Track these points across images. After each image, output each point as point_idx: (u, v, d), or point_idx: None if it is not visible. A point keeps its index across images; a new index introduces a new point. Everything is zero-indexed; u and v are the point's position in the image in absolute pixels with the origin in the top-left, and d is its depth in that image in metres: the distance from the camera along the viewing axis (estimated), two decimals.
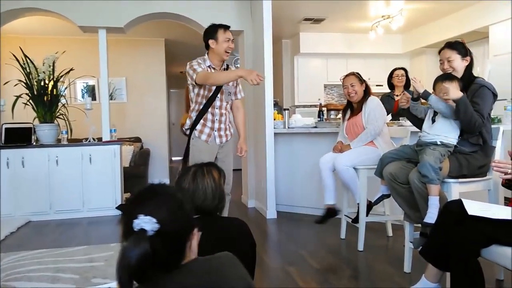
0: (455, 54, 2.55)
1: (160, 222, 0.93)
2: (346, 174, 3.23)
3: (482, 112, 2.39)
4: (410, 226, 2.66)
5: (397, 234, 3.52)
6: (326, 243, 3.49)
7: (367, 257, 3.07)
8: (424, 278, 2.06)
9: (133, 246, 0.90)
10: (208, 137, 3.09)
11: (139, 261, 0.89)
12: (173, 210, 0.98)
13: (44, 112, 4.69)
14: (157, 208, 0.95)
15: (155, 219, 0.92)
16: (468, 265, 1.79)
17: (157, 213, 0.93)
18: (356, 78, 3.39)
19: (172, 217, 0.97)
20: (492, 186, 2.52)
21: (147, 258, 0.90)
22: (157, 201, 0.98)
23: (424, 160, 2.35)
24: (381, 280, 2.61)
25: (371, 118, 3.28)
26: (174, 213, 0.98)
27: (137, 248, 0.89)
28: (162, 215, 0.94)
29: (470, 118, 2.36)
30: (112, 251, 3.32)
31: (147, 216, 0.92)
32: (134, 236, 0.91)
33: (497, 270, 2.50)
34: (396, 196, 2.63)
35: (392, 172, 2.59)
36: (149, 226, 0.92)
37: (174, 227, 0.97)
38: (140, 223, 0.92)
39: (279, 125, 4.64)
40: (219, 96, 3.08)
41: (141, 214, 0.92)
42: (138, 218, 0.92)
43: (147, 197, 1.00)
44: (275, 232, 4.00)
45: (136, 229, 0.92)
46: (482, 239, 1.79)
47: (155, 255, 0.91)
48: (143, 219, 0.92)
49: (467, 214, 1.80)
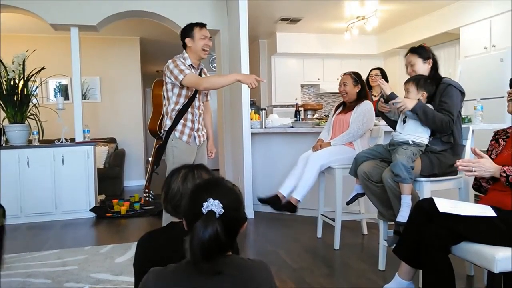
0: (417, 58, 2.65)
1: (224, 207, 1.06)
2: (309, 171, 3.23)
3: (451, 110, 2.46)
4: (384, 224, 2.70)
5: (372, 232, 3.58)
6: (303, 242, 3.51)
7: (343, 255, 3.11)
8: (398, 276, 2.10)
9: (205, 225, 1.02)
10: (188, 138, 3.07)
11: (210, 239, 1.01)
12: (234, 200, 1.11)
13: (14, 113, 4.55)
14: (221, 195, 1.08)
15: (221, 204, 1.06)
16: (438, 261, 1.83)
17: (222, 200, 1.07)
18: (350, 79, 3.43)
19: (233, 205, 1.09)
20: (462, 185, 2.59)
21: (217, 237, 1.02)
22: (221, 190, 1.11)
23: (396, 159, 2.39)
24: (356, 278, 2.64)
25: (358, 120, 3.32)
26: (234, 202, 1.11)
27: (209, 227, 1.02)
28: (226, 202, 1.07)
29: (433, 120, 2.44)
30: (86, 254, 3.25)
31: (215, 200, 1.06)
32: (205, 217, 1.04)
33: (467, 266, 2.58)
34: (370, 194, 2.67)
35: (366, 171, 2.62)
36: (217, 209, 1.05)
37: (234, 214, 1.09)
38: (209, 206, 1.05)
39: (256, 125, 4.65)
40: (197, 96, 3.07)
41: (210, 198, 1.06)
42: (207, 201, 1.05)
43: (213, 185, 1.13)
44: (252, 232, 4.00)
45: (205, 211, 1.05)
46: (451, 236, 1.83)
47: (219, 236, 1.03)
48: (213, 203, 1.05)
49: (438, 211, 1.84)
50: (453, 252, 1.88)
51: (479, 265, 1.81)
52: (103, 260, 3.09)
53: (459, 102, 2.52)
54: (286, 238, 3.70)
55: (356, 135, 3.33)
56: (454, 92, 2.50)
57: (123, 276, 2.74)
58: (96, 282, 2.67)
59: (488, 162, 1.90)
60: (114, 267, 2.92)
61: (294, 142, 4.43)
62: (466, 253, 1.84)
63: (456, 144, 2.54)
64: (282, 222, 4.22)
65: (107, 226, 4.35)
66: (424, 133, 2.51)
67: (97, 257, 3.18)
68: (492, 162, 1.90)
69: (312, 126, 4.33)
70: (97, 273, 2.82)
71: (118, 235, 3.95)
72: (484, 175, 1.91)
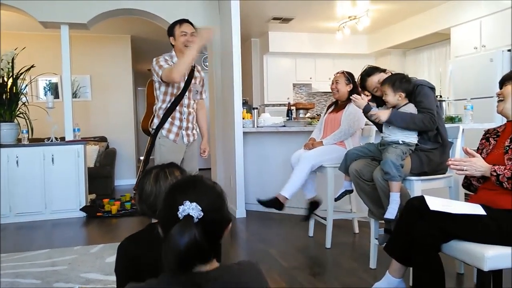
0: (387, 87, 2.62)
1: (204, 210, 0.95)
2: (300, 170, 3.25)
3: (429, 107, 2.48)
4: (375, 223, 2.72)
5: (363, 231, 3.59)
6: (295, 241, 3.52)
7: (334, 254, 3.12)
8: (388, 274, 2.10)
9: (182, 232, 0.91)
10: (176, 136, 3.05)
11: (188, 246, 0.90)
12: (214, 200, 1.00)
13: (3, 111, 4.50)
14: (200, 196, 0.97)
15: (200, 206, 0.95)
16: (428, 259, 1.85)
17: (201, 201, 0.96)
18: (343, 77, 3.44)
19: (214, 207, 0.99)
20: (453, 183, 2.61)
21: (195, 244, 0.91)
22: (200, 190, 1.00)
23: (386, 157, 2.41)
24: (347, 277, 2.65)
25: (349, 118, 3.33)
26: (215, 203, 1.00)
27: (186, 233, 0.91)
28: (205, 204, 0.96)
29: (413, 122, 2.46)
30: (75, 254, 3.22)
31: (193, 203, 0.94)
32: (181, 222, 0.93)
33: (457, 264, 2.60)
34: (360, 192, 2.69)
35: (357, 169, 2.64)
36: (195, 212, 0.94)
37: (216, 216, 0.99)
38: (186, 209, 0.94)
39: (248, 124, 4.64)
40: (187, 94, 3.05)
41: (187, 201, 0.94)
42: (184, 205, 0.94)
43: (190, 186, 1.02)
44: (244, 232, 3.99)
45: (182, 215, 0.94)
46: (441, 234, 1.85)
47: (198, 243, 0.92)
48: (190, 206, 0.94)
49: (428, 210, 1.85)
50: (443, 250, 1.89)
51: (469, 263, 1.83)
52: (93, 260, 3.06)
53: (433, 98, 2.56)
54: (278, 237, 3.70)
55: (347, 133, 3.34)
56: (426, 90, 2.54)
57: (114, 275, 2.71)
58: (86, 282, 2.64)
59: (480, 161, 1.91)
60: (104, 267, 2.90)
61: (286, 141, 4.43)
62: (456, 251, 1.85)
63: (444, 142, 2.56)
64: (274, 221, 4.22)
65: (98, 225, 4.32)
66: (412, 133, 2.52)
67: (87, 257, 3.15)
68: (483, 161, 1.92)
69: (304, 125, 4.34)
70: (87, 273, 2.80)
71: (109, 234, 3.92)
72: (475, 174, 1.92)
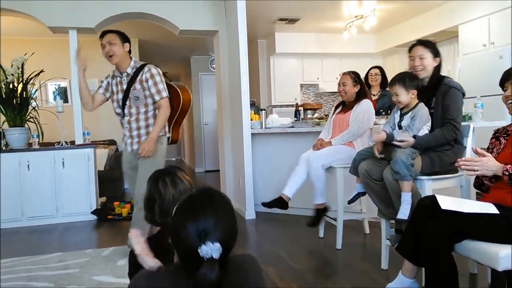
0: (428, 53, 2.55)
1: (223, 244, 0.98)
2: (315, 174, 3.26)
3: (454, 114, 2.43)
4: (387, 223, 2.70)
5: (374, 232, 3.57)
6: (305, 242, 3.51)
7: (345, 255, 3.11)
8: (401, 274, 2.09)
9: (209, 273, 0.96)
10: (125, 145, 3.22)
11: (215, 282, 0.96)
12: (231, 224, 1.03)
13: (13, 116, 4.55)
14: (219, 226, 0.99)
15: (220, 244, 0.97)
16: (441, 259, 1.83)
17: (220, 235, 0.98)
18: (349, 78, 3.42)
19: (231, 233, 1.02)
20: (464, 183, 2.58)
21: (218, 281, 0.97)
22: (217, 216, 1.00)
23: (396, 157, 2.39)
24: (359, 278, 2.64)
25: (358, 119, 3.32)
26: (232, 227, 1.03)
27: (212, 273, 0.96)
28: (223, 234, 0.99)
29: (436, 142, 2.44)
30: (87, 257, 3.24)
31: (215, 243, 0.96)
32: (207, 264, 0.96)
33: (470, 264, 2.57)
34: (370, 192, 2.67)
35: (366, 169, 2.62)
36: (217, 253, 0.96)
37: (232, 243, 1.03)
38: (209, 252, 0.96)
39: (256, 125, 4.64)
40: (127, 103, 3.12)
41: (209, 242, 0.96)
42: (206, 245, 0.96)
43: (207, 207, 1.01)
44: (254, 233, 4.00)
45: (205, 257, 0.96)
46: (454, 234, 1.83)
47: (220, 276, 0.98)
48: (213, 248, 0.96)
49: (440, 209, 1.84)
50: (456, 250, 1.88)
51: (483, 263, 1.81)
52: (105, 263, 3.08)
53: (461, 105, 2.51)
54: (287, 239, 3.69)
55: (356, 134, 3.33)
56: (458, 95, 2.47)
57: (126, 278, 2.71)
58: (98, 285, 2.66)
59: (491, 160, 1.89)
60: (116, 270, 2.91)
61: (295, 142, 4.42)
62: (469, 251, 1.84)
63: (457, 142, 2.53)
64: (284, 222, 4.21)
65: (109, 228, 4.35)
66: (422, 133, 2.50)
67: (99, 259, 3.18)
68: (494, 161, 1.89)
69: (312, 125, 4.33)
70: (99, 276, 2.82)
71: (120, 237, 3.94)
72: (487, 173, 1.90)
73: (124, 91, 3.12)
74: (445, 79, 2.55)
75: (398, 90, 2.49)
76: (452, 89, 2.47)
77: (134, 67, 3.12)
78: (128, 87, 3.10)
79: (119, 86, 3.17)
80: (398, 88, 2.49)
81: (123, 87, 3.14)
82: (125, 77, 3.12)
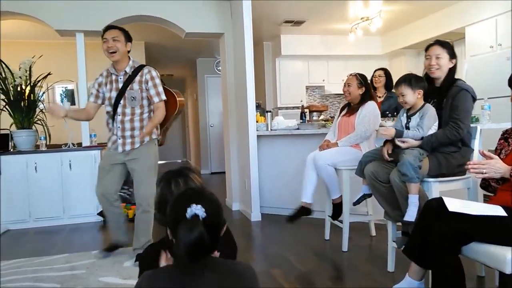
0: (445, 53, 2.55)
1: (207, 212, 1.12)
2: (324, 172, 3.28)
3: (460, 116, 2.42)
4: (393, 225, 2.68)
5: (380, 234, 3.55)
6: (311, 244, 3.50)
7: (351, 257, 3.09)
8: (408, 277, 2.07)
9: (191, 227, 1.08)
10: (112, 144, 3.15)
11: (197, 241, 1.07)
12: (214, 206, 1.16)
13: (21, 118, 4.58)
14: (202, 202, 1.14)
15: (203, 208, 1.12)
16: (448, 262, 1.81)
17: (204, 205, 1.12)
18: (355, 80, 3.42)
19: (214, 210, 1.15)
20: (471, 185, 2.57)
21: (202, 239, 1.07)
22: (201, 198, 1.16)
23: (403, 158, 2.37)
24: (365, 280, 2.62)
25: (364, 121, 3.31)
26: (214, 208, 1.16)
27: (194, 229, 1.07)
28: (207, 207, 1.13)
29: (440, 143, 2.43)
30: (93, 258, 3.26)
31: (198, 205, 1.12)
32: (189, 221, 1.10)
33: (478, 267, 2.55)
34: (376, 194, 2.66)
35: (373, 171, 2.61)
36: (200, 212, 1.11)
37: (215, 219, 1.16)
38: (193, 210, 1.11)
39: (262, 127, 4.64)
40: (122, 102, 3.09)
41: (193, 204, 1.12)
42: (191, 207, 1.11)
43: (192, 195, 1.18)
44: (260, 235, 3.99)
45: (189, 215, 1.10)
46: (462, 236, 1.81)
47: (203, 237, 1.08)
48: (196, 207, 1.11)
49: (447, 211, 1.82)
50: (463, 253, 1.86)
51: (490, 266, 1.79)
52: (111, 264, 3.10)
53: (470, 108, 2.48)
54: (293, 241, 3.69)
55: (363, 137, 3.32)
56: (468, 97, 2.46)
57: (132, 280, 2.74)
58: (104, 286, 2.67)
59: (498, 163, 1.87)
60: (122, 271, 2.92)
61: (300, 144, 4.42)
62: (477, 254, 1.82)
63: (465, 145, 2.51)
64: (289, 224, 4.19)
65: None
66: None
67: (105, 261, 3.19)
68: (502, 163, 1.88)
69: (318, 127, 4.32)
70: (105, 277, 2.83)
71: None
72: (495, 176, 1.89)
73: (119, 89, 3.09)
74: (457, 82, 2.54)
75: (404, 90, 2.48)
76: (463, 91, 2.46)
77: (133, 67, 3.12)
78: (124, 86, 3.08)
79: (114, 84, 3.12)
80: (404, 88, 2.48)
81: (118, 85, 3.10)
82: (122, 75, 3.10)
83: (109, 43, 3.03)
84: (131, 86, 3.08)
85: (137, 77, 3.10)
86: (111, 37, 3.04)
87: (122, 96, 3.07)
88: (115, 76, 3.12)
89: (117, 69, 3.12)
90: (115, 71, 3.13)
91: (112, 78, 3.14)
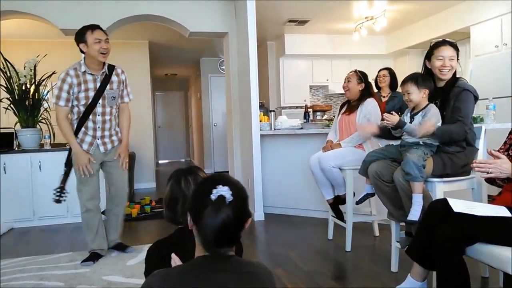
0: (456, 55, 2.55)
1: (234, 195, 1.06)
2: (329, 173, 3.31)
3: (465, 116, 2.41)
4: (397, 225, 2.68)
5: (384, 234, 3.54)
6: (314, 244, 3.50)
7: (355, 257, 3.09)
8: (410, 277, 2.07)
9: (217, 209, 1.03)
10: (89, 146, 3.11)
11: (224, 224, 1.03)
12: (241, 192, 1.11)
13: (25, 117, 4.60)
14: (229, 184, 1.08)
15: (231, 191, 1.06)
16: (453, 263, 1.81)
17: (231, 188, 1.07)
18: (355, 76, 3.43)
19: (241, 195, 1.10)
20: (475, 185, 2.55)
21: (229, 223, 1.03)
22: (228, 181, 1.10)
23: (407, 157, 2.37)
24: (368, 280, 2.62)
25: (366, 120, 3.30)
26: (241, 194, 1.11)
27: (221, 211, 1.03)
28: (234, 190, 1.07)
29: (449, 136, 2.41)
30: None
31: (225, 186, 1.06)
32: (215, 203, 1.04)
33: (482, 267, 2.54)
34: (380, 194, 2.65)
35: (377, 170, 2.60)
36: (227, 194, 1.05)
37: (242, 204, 1.10)
38: (219, 191, 1.05)
39: (266, 126, 4.64)
40: (101, 101, 3.07)
41: (219, 185, 1.06)
42: (217, 188, 1.05)
43: (219, 178, 1.11)
44: (263, 234, 3.99)
45: (215, 197, 1.04)
46: (466, 237, 1.81)
47: (230, 221, 1.04)
48: (223, 189, 1.05)
49: (452, 212, 1.81)
50: (467, 254, 1.85)
51: (495, 267, 1.78)
52: (114, 263, 3.11)
53: (472, 107, 2.48)
54: (297, 240, 3.68)
55: (366, 136, 3.31)
56: (470, 97, 2.44)
57: (135, 278, 2.75)
58: (108, 284, 2.68)
59: (505, 163, 1.86)
60: (126, 270, 2.93)
61: (304, 144, 4.41)
62: (481, 255, 1.81)
63: (469, 145, 2.50)
64: (293, 224, 4.20)
65: None
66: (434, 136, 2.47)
67: (109, 259, 3.20)
68: (509, 163, 1.86)
69: (321, 127, 4.32)
70: (109, 275, 2.84)
71: (129, 237, 3.96)
72: (501, 176, 1.88)
73: (97, 89, 3.05)
74: (459, 81, 2.53)
75: (410, 88, 2.48)
76: (465, 91, 2.45)
77: (106, 67, 3.13)
78: (103, 86, 3.07)
79: (90, 84, 3.04)
80: (410, 86, 2.48)
81: (96, 85, 3.05)
82: (99, 75, 3.07)
83: (102, 44, 3.01)
84: (111, 86, 3.11)
85: (114, 77, 3.13)
86: (105, 39, 3.04)
87: (101, 95, 3.06)
88: (92, 76, 3.05)
89: (96, 69, 3.05)
90: (90, 70, 3.04)
91: (86, 77, 3.03)
